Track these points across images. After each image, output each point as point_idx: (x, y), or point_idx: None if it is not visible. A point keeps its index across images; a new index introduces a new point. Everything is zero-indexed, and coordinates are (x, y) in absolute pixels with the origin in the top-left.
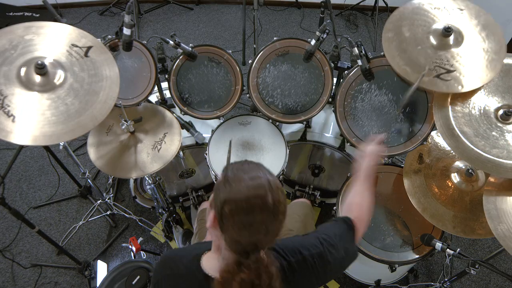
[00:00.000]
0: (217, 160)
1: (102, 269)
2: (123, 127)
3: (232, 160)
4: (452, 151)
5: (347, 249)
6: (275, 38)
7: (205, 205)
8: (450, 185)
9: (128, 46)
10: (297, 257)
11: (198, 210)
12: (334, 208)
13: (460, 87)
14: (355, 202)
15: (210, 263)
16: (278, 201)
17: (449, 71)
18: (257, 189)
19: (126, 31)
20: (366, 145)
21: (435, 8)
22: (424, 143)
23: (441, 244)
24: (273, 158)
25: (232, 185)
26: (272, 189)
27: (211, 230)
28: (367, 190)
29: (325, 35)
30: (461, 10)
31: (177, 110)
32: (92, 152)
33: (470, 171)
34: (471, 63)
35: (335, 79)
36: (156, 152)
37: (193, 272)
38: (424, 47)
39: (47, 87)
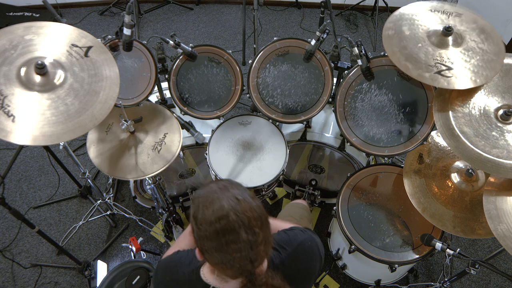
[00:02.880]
0: (217, 160)
1: (102, 269)
2: (123, 127)
3: (230, 160)
4: (452, 151)
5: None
6: (275, 38)
7: None
8: (450, 185)
9: (128, 46)
10: (293, 246)
11: None
12: (334, 208)
13: (461, 84)
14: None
15: (210, 274)
16: (253, 233)
17: (450, 68)
18: (224, 229)
19: (126, 31)
20: None
21: (434, 11)
22: (424, 143)
23: (441, 244)
24: (273, 158)
25: (200, 227)
26: (244, 224)
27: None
28: None
29: (325, 35)
30: (460, 14)
31: (177, 110)
32: (92, 152)
33: (470, 171)
34: (471, 62)
35: (335, 79)
36: (156, 153)
37: (193, 281)
38: (424, 45)
39: (47, 87)
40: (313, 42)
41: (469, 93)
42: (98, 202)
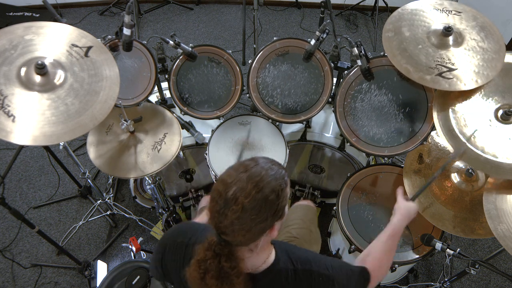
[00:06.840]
0: (217, 160)
1: (102, 269)
2: (123, 126)
3: (230, 160)
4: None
5: None
6: (275, 38)
7: (204, 203)
8: (450, 185)
9: (128, 46)
10: (305, 267)
11: (198, 208)
12: (334, 208)
13: (463, 85)
14: (377, 257)
15: None
16: (235, 198)
17: (451, 70)
18: (223, 180)
19: (126, 31)
20: (403, 200)
21: (433, 9)
22: (424, 143)
23: (441, 244)
24: (273, 158)
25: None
26: (238, 186)
27: None
28: (392, 249)
29: (325, 35)
30: (459, 12)
31: (177, 110)
32: (92, 152)
33: (470, 171)
34: (472, 62)
35: (335, 79)
36: (156, 153)
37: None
38: (424, 46)
39: (47, 87)
40: (313, 42)
41: (469, 93)
42: (98, 202)
